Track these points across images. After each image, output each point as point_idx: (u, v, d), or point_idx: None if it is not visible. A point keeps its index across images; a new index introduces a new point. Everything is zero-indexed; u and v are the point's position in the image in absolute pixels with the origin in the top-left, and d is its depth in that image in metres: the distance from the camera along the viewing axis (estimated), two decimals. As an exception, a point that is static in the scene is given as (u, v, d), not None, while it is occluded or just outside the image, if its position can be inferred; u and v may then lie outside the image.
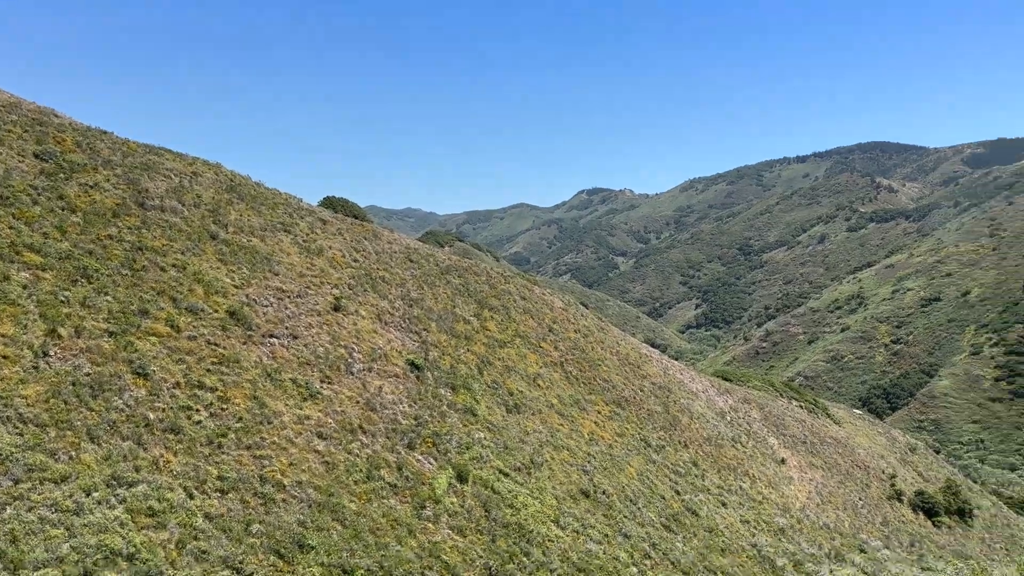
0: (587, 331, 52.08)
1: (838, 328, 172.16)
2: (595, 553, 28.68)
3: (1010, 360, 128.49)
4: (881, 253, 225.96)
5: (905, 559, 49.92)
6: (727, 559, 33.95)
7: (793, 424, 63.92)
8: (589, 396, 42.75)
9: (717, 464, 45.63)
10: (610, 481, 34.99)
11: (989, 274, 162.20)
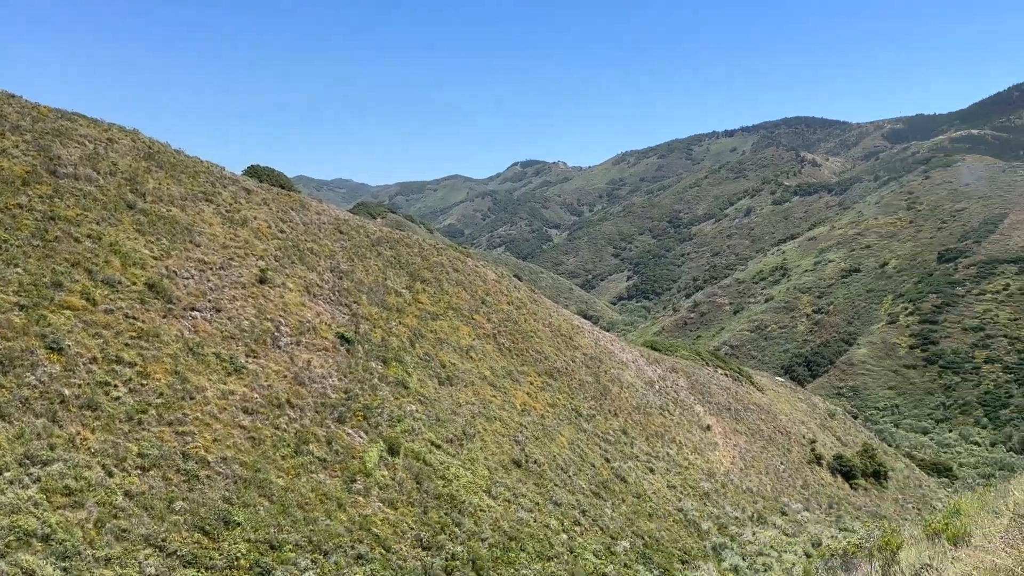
0: (520, 303, 52.26)
1: (762, 299, 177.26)
2: (526, 521, 29.03)
3: (924, 328, 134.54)
4: (804, 226, 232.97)
5: (824, 520, 52.13)
6: (654, 523, 34.83)
7: (719, 392, 65.71)
8: (522, 368, 43.01)
9: (646, 432, 46.61)
10: (542, 451, 35.38)
11: (906, 246, 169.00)
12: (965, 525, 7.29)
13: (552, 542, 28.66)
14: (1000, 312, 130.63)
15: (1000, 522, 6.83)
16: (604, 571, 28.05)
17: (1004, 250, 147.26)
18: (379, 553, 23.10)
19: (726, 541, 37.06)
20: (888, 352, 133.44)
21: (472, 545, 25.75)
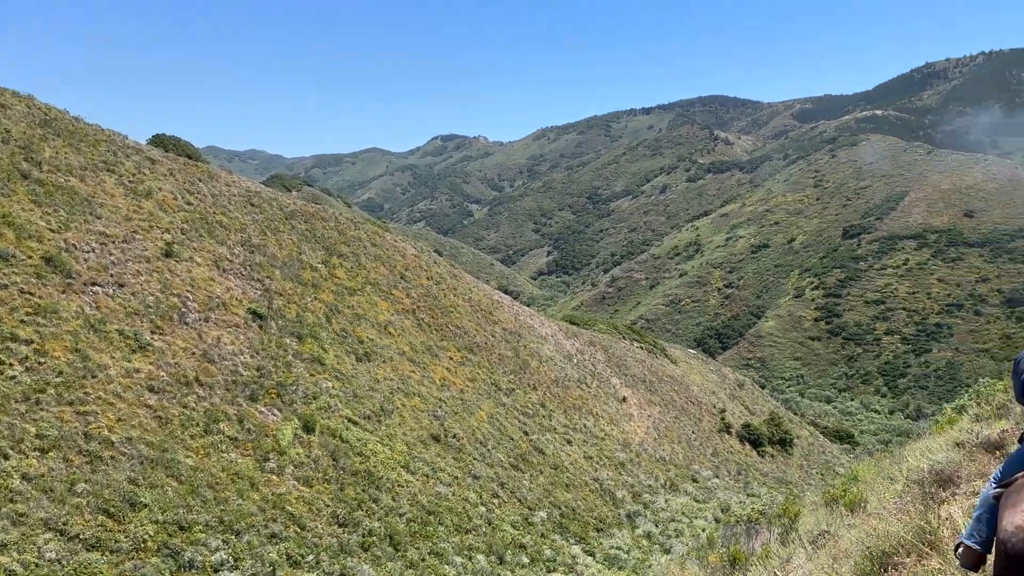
0: (440, 278, 51.98)
1: (677, 274, 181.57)
2: (445, 495, 29.11)
3: (828, 302, 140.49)
4: (717, 202, 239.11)
5: (733, 486, 54.16)
6: (571, 494, 35.46)
7: (634, 364, 67.17)
8: (441, 343, 42.88)
9: (564, 404, 47.28)
10: (461, 425, 35.46)
11: (812, 222, 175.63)
12: (862, 491, 7.63)
13: (471, 515, 28.85)
14: (899, 286, 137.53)
15: (895, 488, 7.18)
16: (521, 541, 28.43)
17: (904, 227, 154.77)
18: (294, 531, 22.77)
19: (640, 509, 38.08)
20: (794, 325, 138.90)
21: (390, 521, 25.67)
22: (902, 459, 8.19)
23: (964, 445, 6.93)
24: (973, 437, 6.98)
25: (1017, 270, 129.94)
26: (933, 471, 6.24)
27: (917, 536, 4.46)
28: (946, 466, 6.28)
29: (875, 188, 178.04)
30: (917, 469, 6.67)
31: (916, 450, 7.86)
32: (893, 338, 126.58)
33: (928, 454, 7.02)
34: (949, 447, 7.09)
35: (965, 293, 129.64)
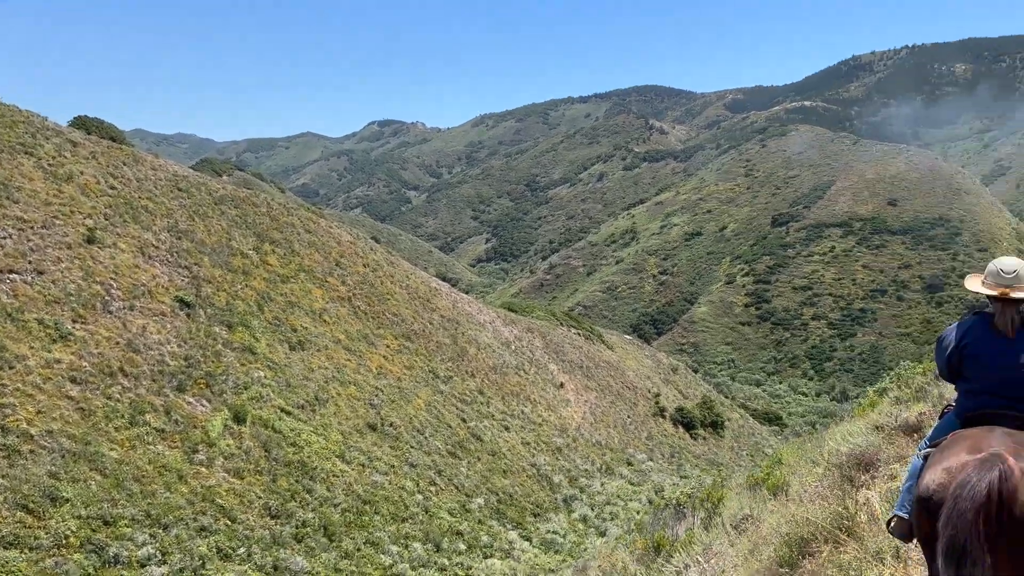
0: (376, 265, 51.39)
1: (613, 261, 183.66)
2: (381, 484, 28.89)
3: (758, 288, 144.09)
4: (652, 191, 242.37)
5: (666, 469, 55.25)
6: (508, 479, 35.62)
7: (571, 351, 67.78)
8: (378, 330, 42.44)
9: (502, 391, 47.40)
10: (398, 413, 35.21)
11: (743, 211, 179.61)
12: (784, 475, 7.78)
13: (407, 503, 28.71)
14: (826, 272, 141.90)
15: (817, 471, 7.34)
16: (459, 529, 28.43)
17: (831, 215, 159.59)
18: (224, 524, 22.28)
19: (576, 493, 38.51)
20: (726, 310, 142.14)
21: (324, 511, 25.34)
22: (824, 442, 8.40)
23: (883, 428, 7.13)
24: (892, 420, 7.19)
25: (937, 257, 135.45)
26: (853, 454, 6.40)
27: (835, 522, 4.55)
28: (866, 449, 6.46)
29: (803, 177, 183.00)
30: (837, 452, 6.83)
31: (837, 433, 8.05)
32: (820, 323, 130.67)
33: (848, 437, 7.20)
34: (869, 430, 7.28)
35: (888, 279, 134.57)
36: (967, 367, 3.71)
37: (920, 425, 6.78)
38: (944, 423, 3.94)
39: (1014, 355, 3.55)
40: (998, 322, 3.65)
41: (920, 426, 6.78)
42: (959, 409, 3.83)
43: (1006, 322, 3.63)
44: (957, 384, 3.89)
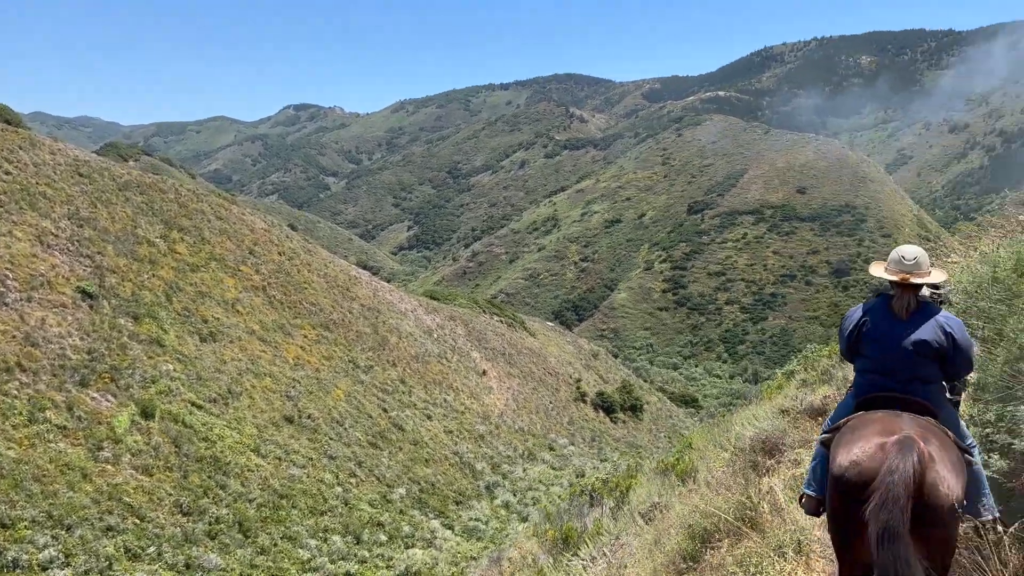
0: (293, 253, 50.14)
1: (536, 248, 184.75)
2: (299, 478, 28.28)
3: (675, 274, 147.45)
4: (573, 178, 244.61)
5: (587, 453, 56.04)
6: (431, 468, 35.43)
7: (494, 338, 67.88)
8: (295, 320, 41.45)
9: (424, 380, 47.07)
10: (316, 405, 34.50)
11: (661, 199, 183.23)
12: (693, 461, 7.84)
13: (326, 496, 28.20)
14: (739, 258, 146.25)
15: (724, 456, 7.41)
16: (380, 520, 28.11)
17: (743, 202, 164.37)
18: (132, 523, 21.40)
19: (499, 479, 38.63)
20: (644, 296, 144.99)
21: (239, 507, 24.64)
22: (731, 426, 8.49)
23: (789, 412, 7.24)
24: (797, 403, 7.32)
25: (843, 243, 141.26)
26: (758, 439, 6.48)
27: (738, 512, 4.55)
28: (771, 433, 6.54)
29: (717, 166, 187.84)
30: (744, 437, 6.89)
31: (744, 417, 8.16)
32: (733, 307, 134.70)
33: (754, 421, 7.28)
34: (774, 414, 7.38)
35: (797, 265, 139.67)
36: (864, 346, 3.94)
37: (824, 408, 6.91)
38: (843, 405, 4.14)
39: (905, 336, 3.78)
40: (895, 305, 3.87)
41: (824, 409, 6.90)
42: (855, 390, 4.03)
43: (902, 305, 3.85)
44: (855, 363, 4.09)
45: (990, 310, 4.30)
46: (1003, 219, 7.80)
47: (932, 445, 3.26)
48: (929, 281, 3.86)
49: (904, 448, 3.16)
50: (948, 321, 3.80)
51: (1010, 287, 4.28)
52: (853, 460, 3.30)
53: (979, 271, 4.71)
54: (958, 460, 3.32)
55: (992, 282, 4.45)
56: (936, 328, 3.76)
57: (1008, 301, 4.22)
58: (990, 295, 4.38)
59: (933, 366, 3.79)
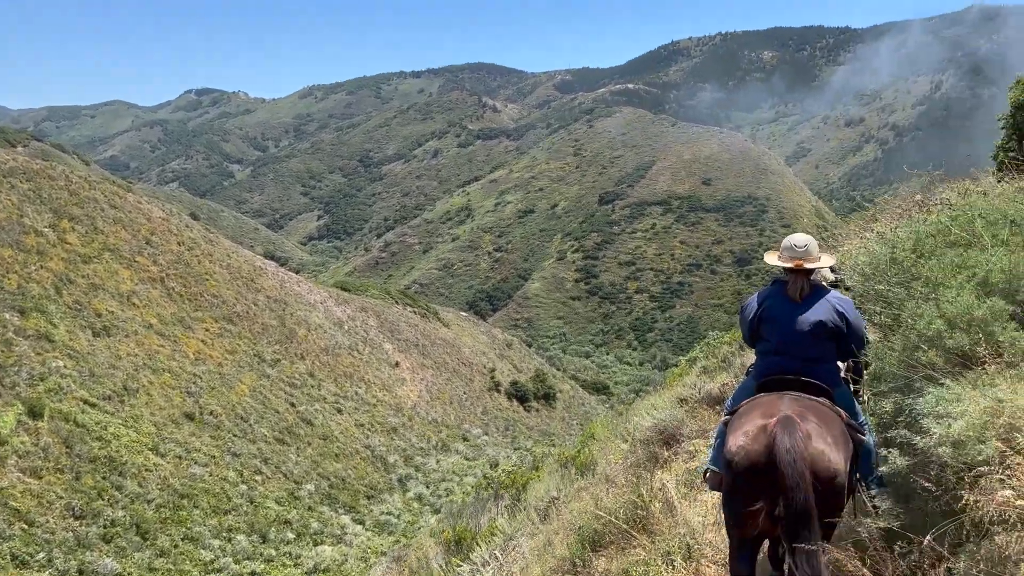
0: (193, 243, 48.27)
1: (450, 238, 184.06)
2: (201, 476, 27.30)
3: (587, 264, 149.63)
4: (486, 168, 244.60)
5: (501, 442, 56.30)
6: (341, 463, 34.83)
7: (407, 329, 67.26)
8: (196, 313, 39.93)
9: (334, 373, 46.22)
10: (219, 401, 33.37)
11: (573, 189, 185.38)
12: (593, 453, 7.81)
13: (230, 495, 27.33)
14: (648, 248, 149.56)
15: (623, 447, 7.40)
16: (287, 517, 27.44)
17: (652, 193, 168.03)
18: (20, 528, 20.20)
19: (412, 472, 38.35)
20: (557, 286, 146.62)
21: (136, 508, 23.60)
22: (633, 415, 8.49)
23: (687, 401, 7.30)
24: (696, 392, 7.39)
25: (746, 233, 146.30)
26: (656, 429, 6.50)
27: (628, 513, 4.47)
28: (669, 424, 6.58)
29: (627, 157, 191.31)
30: (642, 428, 6.89)
31: (644, 407, 8.19)
32: (643, 296, 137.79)
33: (653, 411, 7.28)
34: (673, 403, 7.42)
35: (703, 254, 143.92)
36: (764, 329, 4.17)
37: (722, 396, 6.96)
38: (743, 387, 4.35)
39: (801, 318, 4.02)
40: (790, 290, 4.10)
41: (722, 397, 6.96)
42: (756, 372, 4.24)
43: (797, 289, 4.08)
44: (756, 346, 4.32)
45: (888, 293, 4.19)
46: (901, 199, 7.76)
47: (810, 423, 3.46)
48: (819, 266, 4.08)
49: (787, 427, 3.37)
50: (840, 302, 4.04)
51: (909, 268, 4.13)
52: (740, 444, 3.50)
53: (877, 252, 4.54)
54: (841, 435, 3.53)
55: (890, 263, 4.30)
56: (830, 309, 3.99)
57: (907, 284, 4.10)
58: (888, 277, 4.26)
59: (829, 345, 4.01)
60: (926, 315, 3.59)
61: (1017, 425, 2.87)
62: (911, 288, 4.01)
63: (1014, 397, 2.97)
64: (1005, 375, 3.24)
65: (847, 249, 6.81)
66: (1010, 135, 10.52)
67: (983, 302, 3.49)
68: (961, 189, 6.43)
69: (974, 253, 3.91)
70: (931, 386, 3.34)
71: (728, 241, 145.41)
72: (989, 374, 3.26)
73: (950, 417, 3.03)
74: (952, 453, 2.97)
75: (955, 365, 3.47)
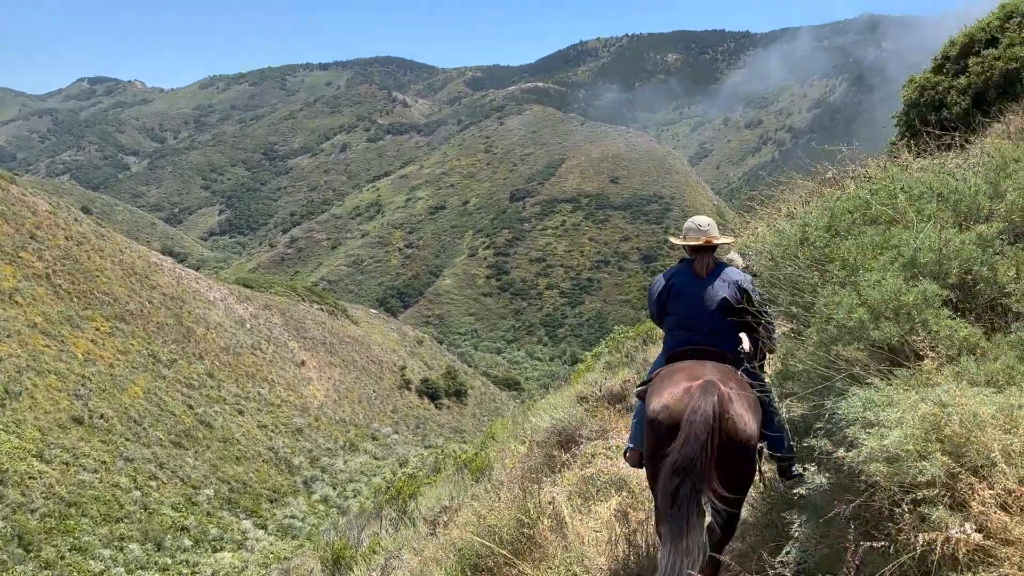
0: (83, 238, 45.76)
1: (359, 234, 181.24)
2: (90, 483, 25.90)
3: (498, 260, 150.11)
4: (397, 164, 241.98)
5: (412, 440, 55.78)
6: (242, 466, 33.72)
7: (314, 327, 65.81)
8: (85, 312, 37.87)
9: (235, 373, 44.72)
10: (110, 404, 31.74)
11: (484, 185, 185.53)
12: (489, 457, 7.58)
13: (122, 502, 26.03)
14: (558, 245, 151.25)
15: (521, 450, 7.21)
16: (184, 524, 26.34)
17: (561, 191, 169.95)
18: None
19: (318, 473, 37.51)
20: (469, 282, 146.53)
21: (19, 518, 22.17)
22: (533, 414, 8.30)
23: (588, 399, 7.16)
24: (596, 390, 7.27)
25: (651, 230, 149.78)
26: (555, 430, 6.36)
27: (514, 532, 4.23)
28: (567, 424, 6.46)
29: (537, 155, 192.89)
30: (540, 429, 6.71)
31: (544, 406, 8.02)
32: (553, 292, 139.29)
33: (552, 411, 7.12)
34: (573, 402, 7.28)
35: (611, 251, 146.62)
36: (672, 305, 4.36)
37: (623, 394, 6.90)
38: (656, 363, 4.53)
39: (706, 293, 4.24)
40: (697, 266, 4.32)
41: (623, 395, 6.90)
42: (665, 348, 4.43)
43: (703, 265, 4.31)
44: (664, 322, 4.49)
45: (798, 279, 3.76)
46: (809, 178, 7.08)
47: (731, 387, 3.59)
48: (721, 242, 4.38)
49: (706, 391, 3.49)
50: (741, 277, 4.26)
51: (822, 249, 3.64)
52: (663, 404, 3.61)
53: (787, 232, 4.14)
54: (755, 402, 3.67)
55: (801, 244, 3.82)
56: (732, 284, 4.21)
57: (821, 266, 3.62)
58: (798, 261, 3.81)
59: (730, 320, 4.18)
60: (845, 303, 3.13)
61: (966, 437, 2.39)
62: (826, 272, 3.56)
63: (961, 400, 2.45)
64: (944, 372, 2.76)
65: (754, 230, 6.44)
66: (903, 132, 10.98)
67: (912, 286, 3.03)
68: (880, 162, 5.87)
69: (898, 231, 3.43)
70: (856, 387, 2.86)
71: (635, 238, 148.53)
72: (924, 371, 2.77)
73: (882, 426, 2.54)
74: (887, 471, 2.45)
75: (882, 361, 3.00)
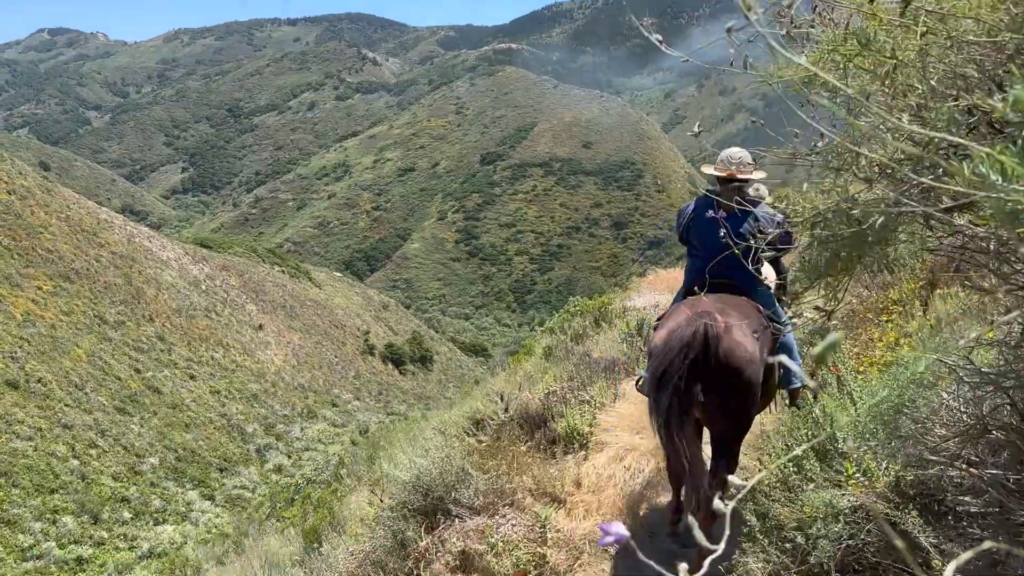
0: (27, 192, 43.45)
1: (325, 195, 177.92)
2: (23, 451, 24.38)
3: (468, 224, 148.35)
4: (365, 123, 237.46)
5: (374, 407, 54.62)
6: (191, 434, 32.30)
7: (274, 290, 64.06)
8: (26, 270, 35.91)
9: (188, 336, 43.05)
10: (49, 367, 30.05)
11: (454, 148, 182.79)
12: (332, 515, 6.14)
13: (58, 471, 24.55)
14: (528, 210, 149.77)
15: (370, 514, 5.79)
16: (125, 495, 24.96)
17: (533, 155, 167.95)
18: None
19: (272, 441, 36.24)
20: (438, 246, 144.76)
21: (-62, 492, 20.68)
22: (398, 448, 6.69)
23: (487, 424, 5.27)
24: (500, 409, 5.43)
25: (623, 197, 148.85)
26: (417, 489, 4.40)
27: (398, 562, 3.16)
28: (437, 481, 4.66)
29: (509, 118, 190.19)
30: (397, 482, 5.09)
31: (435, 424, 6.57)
32: (523, 258, 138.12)
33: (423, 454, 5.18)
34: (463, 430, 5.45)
35: (582, 217, 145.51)
36: (692, 233, 4.45)
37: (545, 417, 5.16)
38: (677, 295, 4.65)
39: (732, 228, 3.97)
40: (721, 197, 4.17)
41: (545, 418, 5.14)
42: (686, 277, 4.56)
43: (726, 197, 4.09)
44: (688, 250, 4.58)
45: None
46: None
47: (730, 316, 3.70)
48: (752, 178, 4.24)
49: (695, 319, 3.64)
50: (765, 214, 4.09)
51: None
52: (663, 336, 3.77)
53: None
54: (760, 328, 3.78)
55: None
56: (751, 219, 4.07)
57: None
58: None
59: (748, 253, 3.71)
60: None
61: None
62: None
63: None
64: None
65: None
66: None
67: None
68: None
69: None
70: None
71: (606, 204, 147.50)
72: None
73: None
74: None
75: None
